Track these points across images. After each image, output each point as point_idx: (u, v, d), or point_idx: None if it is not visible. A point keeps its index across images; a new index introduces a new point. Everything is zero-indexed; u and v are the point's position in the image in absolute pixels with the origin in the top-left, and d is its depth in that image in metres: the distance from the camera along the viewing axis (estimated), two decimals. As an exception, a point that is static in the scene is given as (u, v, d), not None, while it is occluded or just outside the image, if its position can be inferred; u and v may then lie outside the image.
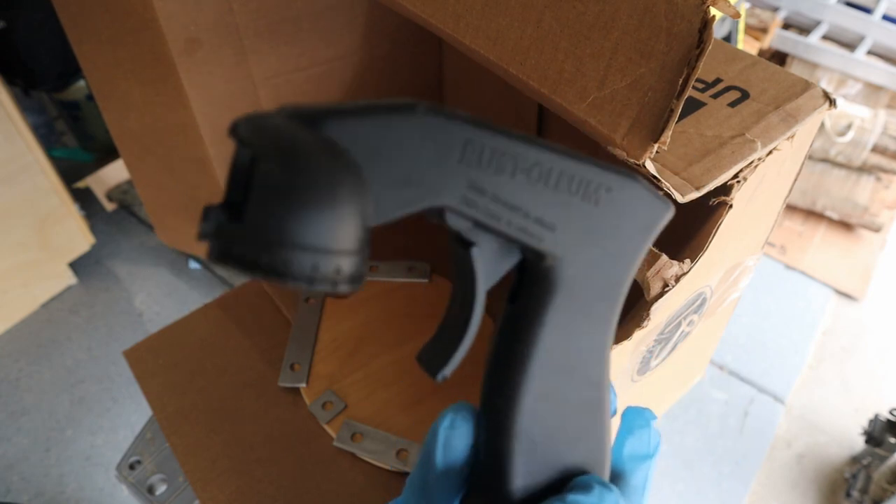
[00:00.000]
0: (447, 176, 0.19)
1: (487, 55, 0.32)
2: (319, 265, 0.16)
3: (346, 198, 0.16)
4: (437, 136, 0.18)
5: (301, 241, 0.16)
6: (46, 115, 1.61)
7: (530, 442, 0.23)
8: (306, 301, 0.63)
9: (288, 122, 0.17)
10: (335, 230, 0.16)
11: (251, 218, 0.16)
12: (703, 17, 0.25)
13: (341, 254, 0.16)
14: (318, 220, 0.16)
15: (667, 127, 0.27)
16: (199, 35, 0.48)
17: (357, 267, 0.17)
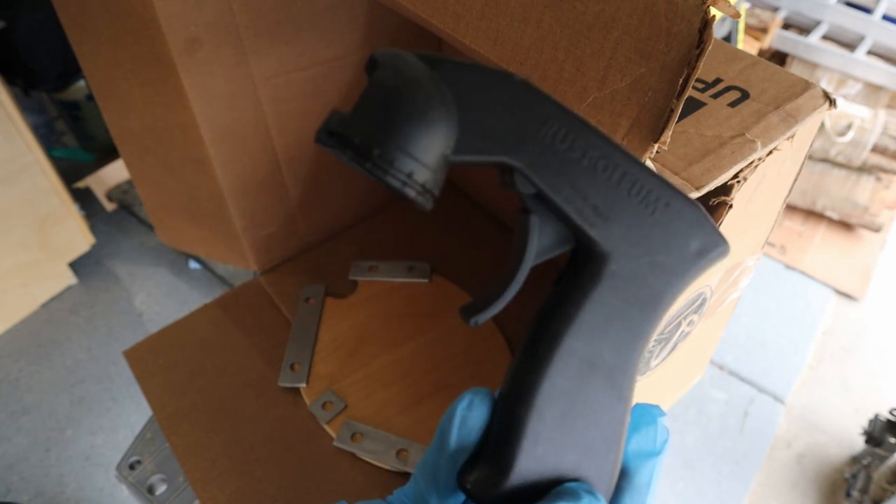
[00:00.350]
0: (525, 140, 0.22)
1: (487, 55, 0.32)
2: (414, 172, 0.21)
3: (435, 119, 0.21)
4: (524, 102, 0.22)
5: (403, 145, 0.21)
6: (46, 115, 1.61)
7: (542, 428, 0.23)
8: (306, 301, 0.63)
9: (413, 57, 0.22)
10: (423, 141, 0.21)
11: (372, 115, 0.21)
12: (703, 17, 0.25)
13: (428, 168, 0.21)
14: (413, 127, 0.21)
15: (667, 127, 0.27)
16: (199, 35, 0.48)
17: (435, 184, 0.22)
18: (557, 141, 0.22)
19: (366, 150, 0.20)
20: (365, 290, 0.64)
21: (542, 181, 0.22)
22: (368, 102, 0.21)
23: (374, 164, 0.20)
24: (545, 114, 0.22)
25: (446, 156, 0.21)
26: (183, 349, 0.59)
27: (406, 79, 0.21)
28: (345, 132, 0.21)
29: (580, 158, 0.22)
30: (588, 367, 0.23)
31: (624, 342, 0.23)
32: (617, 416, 0.24)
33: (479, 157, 0.22)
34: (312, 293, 0.63)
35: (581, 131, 0.22)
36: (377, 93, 0.21)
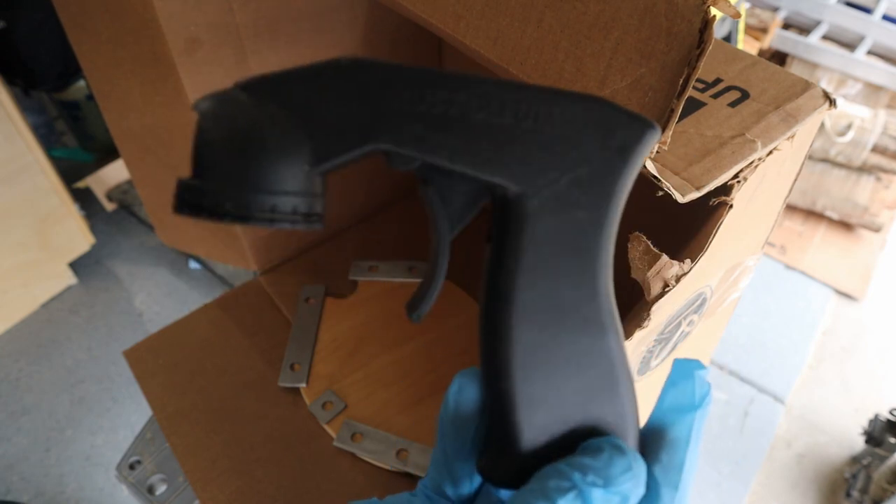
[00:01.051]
0: (380, 118, 0.20)
1: (488, 55, 0.32)
2: (277, 205, 0.20)
3: (269, 144, 0.20)
4: (361, 82, 0.20)
5: (251, 185, 0.19)
6: (46, 115, 1.61)
7: (530, 396, 0.22)
8: (306, 301, 0.63)
9: (229, 91, 0.20)
10: (267, 171, 0.19)
11: (209, 172, 0.20)
12: (704, 17, 0.25)
13: (291, 195, 0.20)
14: (249, 164, 0.19)
15: (667, 127, 0.27)
16: (199, 35, 0.48)
17: (311, 206, 0.20)
18: (415, 104, 0.20)
19: (219, 208, 0.19)
20: (365, 290, 0.64)
21: (418, 151, 0.20)
22: (199, 158, 0.20)
23: (233, 217, 0.19)
24: (387, 83, 0.20)
25: (307, 171, 0.20)
26: (183, 349, 0.59)
27: (224, 118, 0.20)
28: (192, 199, 0.20)
29: (446, 110, 0.20)
30: (553, 312, 0.22)
31: (581, 271, 0.22)
32: (606, 348, 0.22)
33: (343, 157, 0.20)
34: (312, 293, 0.63)
35: (433, 84, 0.20)
36: (203, 145, 0.20)
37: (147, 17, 0.46)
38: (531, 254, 0.21)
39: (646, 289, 0.33)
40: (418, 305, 0.23)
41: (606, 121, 0.21)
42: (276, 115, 0.20)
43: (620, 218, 0.22)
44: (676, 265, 0.32)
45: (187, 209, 0.20)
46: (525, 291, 0.21)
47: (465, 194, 0.22)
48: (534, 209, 0.21)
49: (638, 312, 0.34)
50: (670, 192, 0.30)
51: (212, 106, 0.20)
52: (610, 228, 0.22)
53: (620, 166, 0.21)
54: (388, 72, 0.20)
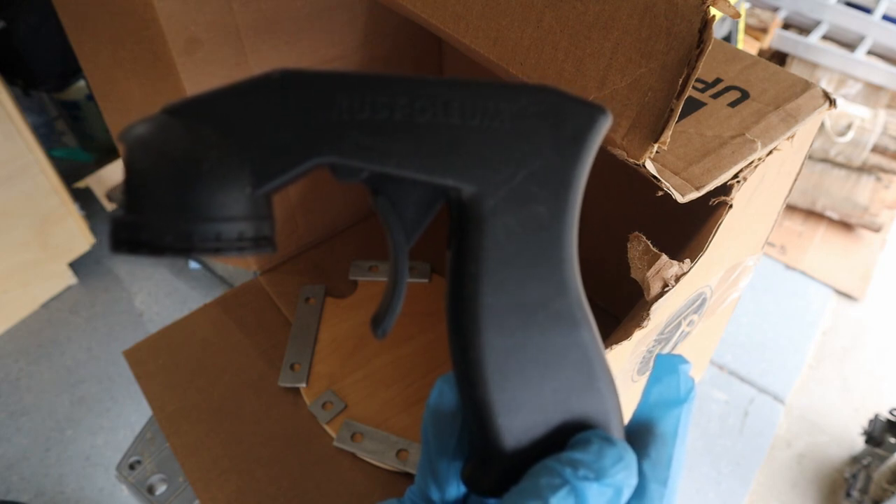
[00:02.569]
0: (321, 131, 0.19)
1: (488, 55, 0.32)
2: (221, 233, 0.19)
3: (204, 170, 0.18)
4: (296, 95, 0.19)
5: (190, 214, 0.18)
6: (46, 115, 1.61)
7: (507, 403, 0.21)
8: (306, 301, 0.63)
9: (156, 118, 0.19)
10: (206, 199, 0.18)
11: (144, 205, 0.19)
12: (703, 17, 0.25)
13: (235, 220, 0.19)
14: (185, 192, 0.18)
15: (667, 127, 0.27)
16: (199, 35, 0.48)
17: (258, 230, 0.19)
18: (355, 113, 0.19)
19: (158, 242, 0.18)
20: (365, 290, 0.64)
21: (364, 161, 0.20)
22: (132, 190, 0.19)
23: (174, 250, 0.18)
24: (324, 93, 0.19)
25: (250, 194, 0.19)
26: (183, 349, 0.59)
27: (153, 146, 0.19)
28: (130, 236, 0.18)
29: (389, 116, 0.20)
30: (522, 313, 0.21)
31: (546, 267, 0.21)
32: (580, 341, 0.21)
33: (285, 175, 0.19)
34: (312, 293, 0.63)
35: (373, 89, 0.20)
36: (135, 176, 0.19)
37: (147, 17, 0.46)
38: (493, 256, 0.20)
39: (645, 289, 0.33)
40: (382, 320, 0.22)
41: (556, 110, 0.20)
42: (210, 138, 0.19)
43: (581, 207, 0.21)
44: (676, 265, 0.32)
45: (125, 247, 0.18)
46: (491, 296, 0.21)
47: (418, 201, 0.21)
48: (491, 209, 0.20)
49: (637, 312, 0.34)
50: (670, 192, 0.30)
51: (139, 134, 0.19)
52: (571, 219, 0.21)
53: (575, 155, 0.21)
54: (325, 81, 0.19)
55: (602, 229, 0.57)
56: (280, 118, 0.19)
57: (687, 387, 0.23)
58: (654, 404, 0.23)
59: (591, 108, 0.21)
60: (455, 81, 0.20)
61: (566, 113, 0.20)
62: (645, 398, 0.23)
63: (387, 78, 0.20)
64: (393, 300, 0.21)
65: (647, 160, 0.29)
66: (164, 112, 0.19)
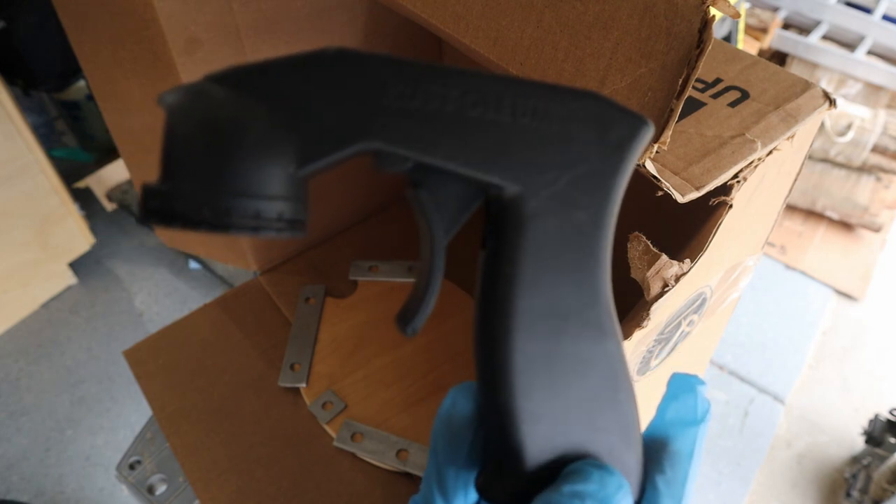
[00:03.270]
0: (370, 115, 0.19)
1: (487, 55, 0.32)
2: (261, 211, 0.18)
3: (251, 144, 0.17)
4: (350, 75, 0.18)
5: (231, 188, 0.17)
6: (46, 115, 1.61)
7: (532, 410, 0.20)
8: (306, 301, 0.63)
9: (204, 84, 0.18)
10: (250, 174, 0.17)
11: (183, 174, 0.17)
12: (703, 17, 0.25)
13: (276, 199, 0.18)
14: (230, 165, 0.17)
15: (667, 127, 0.27)
16: (199, 35, 0.48)
17: (296, 212, 0.18)
18: (406, 100, 0.19)
19: (194, 215, 0.17)
20: (365, 290, 0.64)
21: (412, 151, 0.19)
22: (170, 159, 0.18)
23: (210, 225, 0.17)
24: (378, 77, 0.19)
25: (292, 174, 0.18)
26: (183, 349, 0.59)
27: (196, 113, 0.18)
28: (163, 205, 0.17)
29: (441, 107, 0.19)
30: (555, 319, 0.20)
31: (581, 274, 0.21)
32: (607, 352, 0.21)
33: (331, 157, 0.18)
34: (312, 293, 0.63)
35: (426, 78, 0.19)
36: (174, 144, 0.18)
37: (147, 17, 0.46)
38: (531, 259, 0.20)
39: (645, 289, 0.33)
40: (412, 318, 0.21)
41: (603, 117, 0.20)
42: (256, 110, 0.18)
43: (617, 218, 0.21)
44: (676, 265, 0.32)
45: (157, 217, 0.17)
46: (525, 299, 0.20)
47: (458, 197, 0.20)
48: (532, 211, 0.20)
49: (637, 312, 0.34)
50: (670, 192, 0.30)
51: (181, 99, 0.18)
52: (609, 228, 0.21)
53: (617, 164, 0.20)
54: (379, 64, 0.19)
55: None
56: (331, 97, 0.18)
57: (703, 408, 0.23)
58: (670, 422, 0.23)
59: (636, 118, 0.21)
60: (507, 79, 0.20)
61: (612, 120, 0.20)
62: (660, 414, 0.23)
63: (442, 68, 0.19)
64: (426, 297, 0.20)
65: (647, 160, 0.29)
66: (208, 79, 0.18)
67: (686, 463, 0.22)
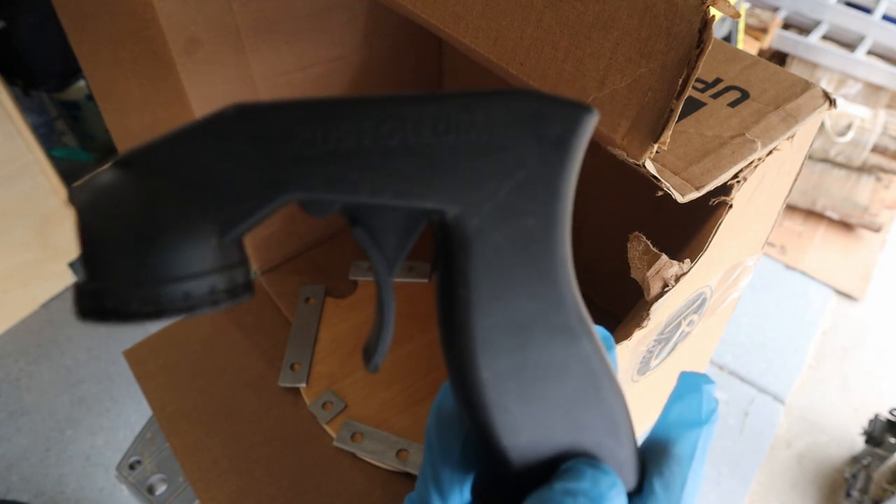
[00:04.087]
0: (282, 169, 0.18)
1: (487, 55, 0.32)
2: (191, 291, 0.17)
3: (165, 229, 0.17)
4: (255, 133, 0.18)
5: (154, 276, 0.17)
6: (46, 115, 1.61)
7: (510, 423, 0.20)
8: (306, 301, 0.63)
9: (109, 173, 0.18)
10: (169, 257, 0.17)
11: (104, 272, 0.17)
12: (703, 17, 0.25)
13: (204, 275, 0.17)
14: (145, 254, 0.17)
15: (667, 127, 0.27)
16: (199, 35, 0.48)
17: (230, 280, 0.18)
18: (319, 144, 0.18)
19: (124, 309, 0.17)
20: (365, 290, 0.64)
21: (335, 193, 0.18)
22: (89, 256, 0.17)
23: (145, 316, 0.17)
24: (284, 126, 0.18)
25: (217, 244, 0.18)
26: (183, 349, 0.59)
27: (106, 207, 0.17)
28: (94, 304, 0.17)
29: (357, 143, 0.18)
30: (518, 332, 0.20)
31: (540, 281, 0.20)
32: (581, 353, 0.20)
33: (252, 218, 0.18)
34: (312, 293, 0.63)
35: (335, 116, 0.18)
36: (89, 242, 0.17)
37: (147, 17, 0.46)
38: (483, 277, 0.19)
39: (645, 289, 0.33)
40: (373, 355, 0.20)
41: (535, 115, 0.19)
42: (165, 190, 0.17)
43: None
44: (676, 265, 0.32)
45: (92, 316, 0.17)
46: (483, 319, 0.19)
47: (398, 227, 0.20)
48: (476, 228, 0.19)
49: (637, 312, 0.34)
50: (670, 192, 0.30)
51: (90, 194, 0.17)
52: (562, 229, 0.20)
53: (561, 161, 0.19)
54: (283, 113, 0.18)
55: (602, 229, 0.57)
56: (238, 158, 0.18)
57: (709, 408, 0.22)
58: (673, 423, 0.22)
59: (574, 108, 0.19)
60: (423, 96, 0.18)
61: (547, 116, 0.19)
62: (664, 415, 0.23)
63: (350, 101, 0.18)
64: (382, 332, 0.20)
65: (647, 160, 0.29)
66: (115, 165, 0.18)
67: (686, 466, 0.22)
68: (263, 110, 0.18)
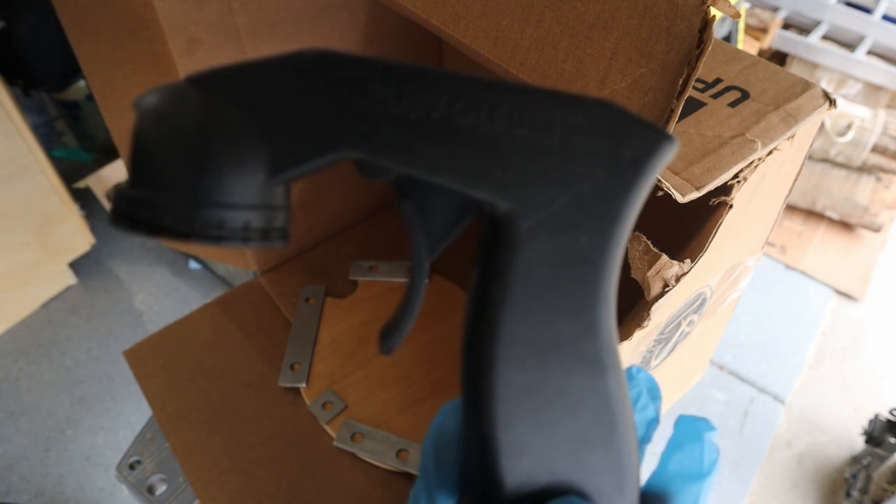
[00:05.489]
0: (351, 121, 0.17)
1: (488, 55, 0.32)
2: (225, 221, 0.17)
3: (219, 150, 0.17)
4: (328, 80, 0.17)
5: (194, 196, 0.17)
6: (46, 115, 1.61)
7: (514, 443, 0.19)
8: (306, 301, 0.63)
9: (181, 87, 0.17)
10: (215, 181, 0.17)
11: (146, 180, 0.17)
12: (704, 17, 0.25)
13: (243, 208, 0.17)
14: (193, 171, 0.17)
15: (667, 127, 0.27)
16: (199, 35, 0.48)
17: (267, 221, 0.17)
18: (390, 105, 0.17)
19: (156, 222, 0.16)
20: (365, 290, 0.64)
21: (393, 161, 0.17)
22: (136, 163, 0.17)
23: (173, 233, 0.16)
24: (358, 80, 0.17)
25: (265, 183, 0.17)
26: (183, 349, 0.59)
27: (167, 117, 0.17)
28: (129, 210, 0.17)
29: (427, 114, 0.17)
30: (545, 349, 0.19)
31: (579, 303, 0.19)
32: (604, 389, 0.19)
33: (305, 166, 0.17)
34: (312, 293, 0.63)
35: (413, 82, 0.17)
36: (141, 148, 0.17)
37: (147, 17, 0.46)
38: (521, 283, 0.18)
39: (646, 289, 0.33)
40: (391, 336, 0.20)
41: (616, 130, 0.18)
42: (228, 114, 0.17)
43: None
44: (676, 265, 0.32)
45: (124, 222, 0.17)
46: (513, 326, 0.18)
47: (447, 211, 0.19)
48: (526, 231, 0.18)
49: (638, 312, 0.34)
50: (670, 192, 0.30)
51: (156, 102, 0.17)
52: (614, 254, 0.19)
53: (630, 183, 0.18)
54: (360, 67, 0.17)
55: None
56: (307, 102, 0.17)
57: (711, 458, 0.21)
58: (673, 475, 0.21)
59: (657, 133, 0.18)
60: (506, 85, 0.18)
61: (627, 134, 0.18)
62: (663, 465, 0.21)
63: (430, 71, 0.17)
64: (405, 315, 0.19)
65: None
66: (187, 80, 0.17)
67: None
68: (342, 59, 0.17)
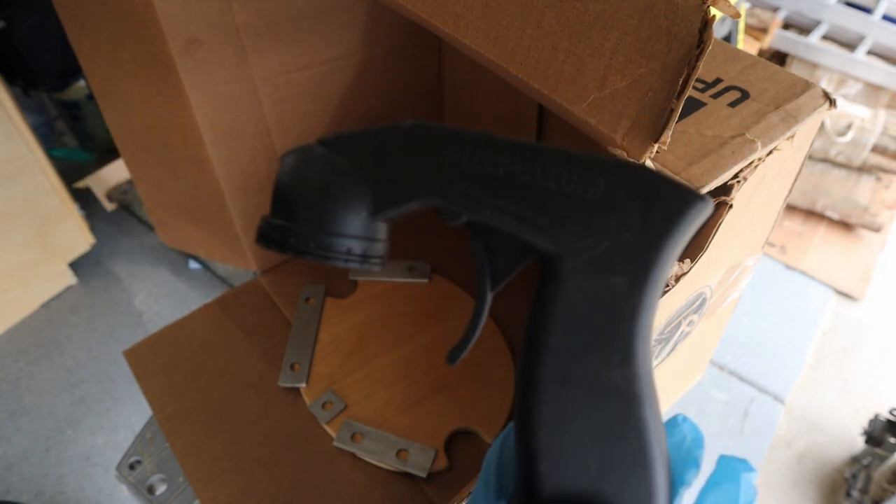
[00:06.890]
0: (434, 175, 0.23)
1: (487, 55, 0.32)
2: (352, 248, 0.24)
3: (336, 193, 0.23)
4: (420, 142, 0.23)
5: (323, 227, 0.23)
6: (46, 115, 1.61)
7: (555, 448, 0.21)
8: (306, 301, 0.63)
9: (312, 146, 0.24)
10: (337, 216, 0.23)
11: (297, 215, 0.24)
12: (704, 17, 0.25)
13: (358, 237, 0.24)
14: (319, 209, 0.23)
15: (667, 127, 0.27)
16: (199, 35, 0.48)
17: (366, 249, 0.24)
18: (465, 163, 0.23)
19: (303, 247, 0.23)
20: (365, 290, 0.64)
21: (464, 208, 0.23)
22: (283, 201, 0.24)
23: (315, 256, 0.23)
24: (444, 144, 0.23)
25: (370, 219, 0.24)
26: (183, 349, 0.59)
27: (295, 168, 0.24)
28: (281, 237, 0.24)
29: (494, 171, 0.22)
30: (583, 375, 0.21)
31: (615, 337, 0.21)
32: (638, 420, 0.21)
33: (400, 208, 0.23)
34: (312, 293, 0.63)
35: (484, 146, 0.22)
36: (281, 191, 0.24)
37: (147, 17, 0.46)
38: (564, 313, 0.21)
39: (646, 289, 0.33)
40: (457, 354, 0.24)
41: (650, 190, 0.21)
42: (344, 166, 0.24)
43: None
44: (676, 265, 0.32)
45: (275, 245, 0.24)
46: (555, 350, 0.21)
47: (510, 250, 0.23)
48: (569, 270, 0.21)
49: (638, 312, 0.34)
50: (670, 192, 0.30)
51: (294, 157, 0.24)
52: (649, 296, 0.21)
53: (662, 236, 0.21)
54: (443, 133, 0.23)
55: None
56: (401, 159, 0.23)
57: (747, 498, 0.22)
58: None
59: (687, 194, 0.21)
60: (557, 150, 0.22)
61: (659, 194, 0.21)
62: (699, 502, 0.22)
63: (496, 138, 0.22)
64: (470, 338, 0.24)
65: (648, 160, 0.29)
66: (318, 141, 0.24)
67: None
68: (430, 128, 0.23)
